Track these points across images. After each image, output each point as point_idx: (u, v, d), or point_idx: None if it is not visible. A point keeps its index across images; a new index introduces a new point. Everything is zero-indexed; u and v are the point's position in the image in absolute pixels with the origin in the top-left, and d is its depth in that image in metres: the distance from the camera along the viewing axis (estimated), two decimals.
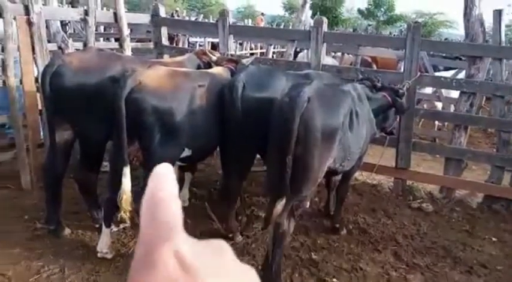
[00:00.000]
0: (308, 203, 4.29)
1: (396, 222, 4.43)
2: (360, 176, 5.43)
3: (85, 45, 4.71)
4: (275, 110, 2.87)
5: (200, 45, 9.37)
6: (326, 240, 3.95)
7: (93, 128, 3.15)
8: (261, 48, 11.50)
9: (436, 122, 7.64)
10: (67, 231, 3.66)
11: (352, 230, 4.18)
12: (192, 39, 9.92)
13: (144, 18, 5.77)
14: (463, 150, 4.78)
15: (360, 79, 4.01)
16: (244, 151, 3.44)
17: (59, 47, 4.53)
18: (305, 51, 8.07)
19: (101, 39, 7.41)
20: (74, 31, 8.00)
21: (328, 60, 8.72)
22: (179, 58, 4.19)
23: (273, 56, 9.18)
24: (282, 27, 12.24)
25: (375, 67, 7.82)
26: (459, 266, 3.69)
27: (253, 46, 11.84)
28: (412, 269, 3.60)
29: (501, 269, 3.65)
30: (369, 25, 28.12)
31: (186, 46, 9.32)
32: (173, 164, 3.10)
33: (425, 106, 6.75)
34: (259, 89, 3.35)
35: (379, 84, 3.92)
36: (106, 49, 3.67)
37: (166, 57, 5.47)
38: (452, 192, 4.99)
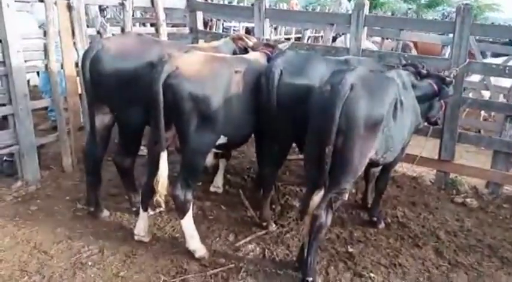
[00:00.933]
0: (347, 195, 4.18)
1: (438, 217, 4.22)
2: (399, 167, 5.21)
3: (123, 30, 4.73)
4: (315, 98, 2.75)
5: (234, 30, 9.24)
6: (363, 233, 3.82)
7: (131, 113, 3.16)
8: (295, 33, 11.22)
9: (482, 113, 7.20)
10: (106, 213, 3.74)
11: (390, 224, 4.02)
12: (226, 24, 9.80)
13: (179, 2, 5.72)
14: None
15: (403, 65, 3.78)
16: (280, 140, 3.35)
17: (98, 32, 4.57)
18: (343, 36, 7.80)
19: (137, 24, 7.44)
20: (112, 16, 8.09)
21: (367, 45, 8.42)
22: (215, 43, 4.12)
23: (308, 41, 8.95)
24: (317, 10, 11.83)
25: (415, 53, 7.42)
26: (506, 266, 3.47)
27: (287, 31, 11.57)
28: (454, 267, 3.43)
29: None
30: (409, 8, 26.84)
31: (220, 31, 9.23)
32: (209, 151, 3.07)
33: (470, 95, 6.36)
34: (297, 76, 3.22)
35: (424, 71, 3.69)
36: (144, 34, 3.65)
37: (201, 43, 5.42)
38: (499, 187, 4.69)
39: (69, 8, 4.07)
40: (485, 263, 3.50)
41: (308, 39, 9.83)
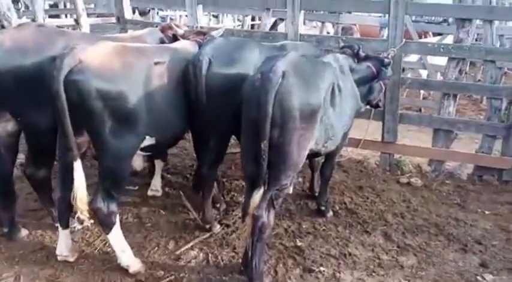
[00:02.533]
0: (291, 189, 4.01)
1: (385, 199, 4.19)
2: (344, 151, 5.15)
3: (33, 22, 4.18)
4: (246, 88, 2.50)
5: (172, 19, 8.74)
6: (312, 224, 3.68)
7: (36, 118, 2.72)
8: (239, 21, 10.90)
9: (422, 91, 7.37)
10: (24, 232, 3.28)
11: (339, 211, 3.92)
12: (162, 13, 9.26)
13: None
14: (453, 120, 4.51)
15: (341, 47, 3.63)
16: (214, 135, 3.07)
17: (2, 26, 3.98)
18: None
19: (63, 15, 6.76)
20: (28, 8, 7.30)
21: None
22: (138, 32, 3.73)
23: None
24: None
25: (358, 35, 7.41)
26: (453, 243, 3.48)
27: (232, 19, 11.21)
28: (403, 250, 3.38)
29: (496, 244, 3.46)
30: None
31: (156, 21, 8.70)
32: (132, 155, 2.71)
33: (409, 75, 6.44)
34: (228, 64, 2.94)
35: (362, 53, 3.56)
36: (48, 25, 3.18)
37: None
38: (441, 164, 4.77)
39: None
40: (433, 242, 3.49)
41: (250, 27, 9.55)
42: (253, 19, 9.88)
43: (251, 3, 5.28)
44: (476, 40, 6.34)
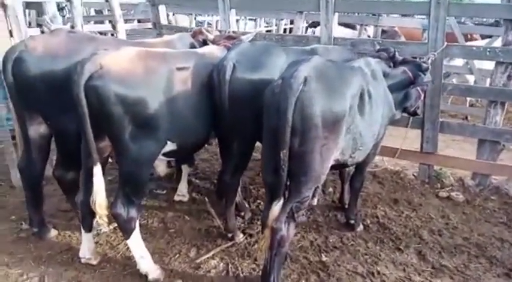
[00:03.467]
0: (316, 200, 3.85)
1: (421, 214, 3.93)
2: (380, 161, 4.91)
3: (72, 28, 4.32)
4: (266, 94, 2.39)
5: (209, 24, 8.83)
6: (339, 238, 3.51)
7: (66, 121, 2.76)
8: (276, 25, 10.82)
9: (468, 98, 6.90)
10: (53, 232, 3.36)
11: (369, 226, 3.71)
12: (200, 18, 9.38)
13: None
14: (500, 130, 4.13)
15: (377, 51, 3.43)
16: (237, 141, 2.99)
17: (42, 32, 4.15)
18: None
19: (92, 22, 7.01)
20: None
21: (347, 33, 8.06)
22: (167, 38, 3.74)
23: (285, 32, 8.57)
24: None
25: (403, 39, 7.07)
26: (496, 267, 3.18)
27: (269, 23, 11.15)
28: (439, 272, 3.12)
29: None
30: None
31: (193, 26, 8.81)
32: (153, 161, 2.69)
33: (454, 80, 6.03)
34: (252, 69, 2.86)
35: (398, 57, 3.35)
36: (79, 30, 3.25)
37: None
38: (486, 178, 4.39)
39: (3, 6, 3.65)
40: (473, 265, 3.20)
41: (286, 30, 9.45)
42: (292, 23, 9.80)
43: (284, 6, 5.17)
44: None
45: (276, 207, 2.40)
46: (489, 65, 5.57)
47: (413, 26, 6.48)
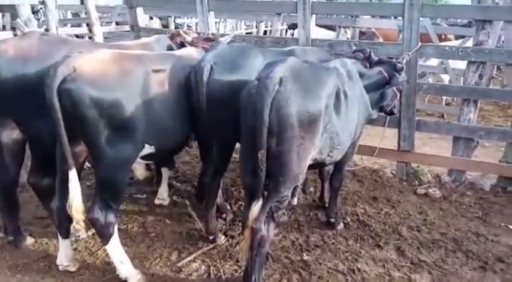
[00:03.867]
0: (295, 200, 3.87)
1: (400, 211, 4.00)
2: (359, 160, 4.98)
3: (46, 31, 4.23)
4: (243, 95, 2.40)
5: (189, 27, 8.79)
6: (320, 237, 3.54)
7: (39, 126, 2.70)
8: (256, 27, 10.85)
9: (444, 97, 7.06)
10: (29, 240, 3.29)
11: (350, 223, 3.75)
12: (179, 21, 9.32)
13: None
14: (474, 127, 4.25)
15: (353, 52, 3.49)
16: (216, 143, 2.99)
17: (15, 35, 4.06)
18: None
19: (68, 25, 6.90)
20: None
21: (328, 34, 8.14)
22: (144, 40, 3.70)
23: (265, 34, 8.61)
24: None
25: (381, 40, 7.19)
26: (472, 261, 3.25)
27: (249, 26, 11.18)
28: (417, 267, 3.18)
29: None
30: None
31: (172, 28, 8.76)
32: (130, 165, 2.66)
33: (430, 80, 6.18)
34: (230, 71, 2.86)
35: (374, 58, 3.41)
36: (51, 33, 3.19)
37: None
38: (462, 174, 4.51)
39: None
40: (450, 259, 3.27)
41: (266, 32, 9.49)
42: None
43: (262, 8, 5.20)
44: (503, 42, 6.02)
45: (256, 207, 2.40)
46: (462, 64, 5.74)
47: (390, 27, 6.60)
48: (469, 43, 6.01)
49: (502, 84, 7.86)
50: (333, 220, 3.63)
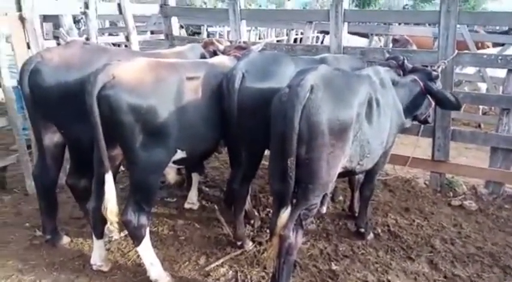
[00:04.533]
0: (325, 208, 3.84)
1: (433, 223, 3.88)
2: (391, 170, 4.88)
3: (87, 40, 4.44)
4: (274, 102, 2.42)
5: (221, 35, 8.95)
6: (350, 246, 3.49)
7: (79, 130, 2.83)
8: (287, 35, 10.90)
9: (481, 106, 6.82)
10: (65, 239, 3.42)
11: (380, 234, 3.68)
12: (211, 29, 9.50)
13: (152, 8, 5.43)
14: None
15: (386, 59, 3.45)
16: (246, 149, 3.01)
17: (58, 44, 4.28)
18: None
19: (106, 33, 7.18)
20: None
21: (363, 42, 8.06)
22: (179, 48, 3.81)
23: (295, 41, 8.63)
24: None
25: (415, 47, 7.05)
26: (510, 276, 3.12)
27: (278, 33, 11.22)
28: (451, 281, 3.07)
29: None
30: (406, 5, 26.46)
31: (205, 36, 8.94)
32: (163, 169, 2.73)
33: (466, 88, 5.98)
34: (261, 79, 2.89)
35: (408, 65, 3.35)
36: (93, 42, 3.35)
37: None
38: (500, 187, 4.33)
39: (22, 19, 3.78)
40: (486, 275, 3.15)
41: (296, 40, 9.52)
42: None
43: (294, 17, 5.24)
44: None
45: (284, 214, 2.41)
46: (501, 72, 5.54)
47: (424, 35, 6.46)
48: (509, 51, 5.80)
49: None
50: (362, 230, 3.58)
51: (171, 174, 3.13)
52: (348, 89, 2.41)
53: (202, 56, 3.84)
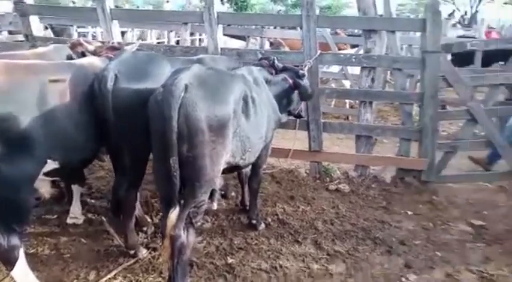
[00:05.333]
0: (215, 205, 3.94)
1: (315, 207, 4.25)
2: (277, 162, 5.21)
3: None
4: (150, 103, 2.40)
5: (93, 36, 8.40)
6: (244, 239, 3.62)
7: None
8: (167, 37, 10.75)
9: (347, 100, 7.71)
10: None
11: (271, 223, 3.90)
12: (82, 30, 8.85)
13: (4, 6, 4.84)
14: (371, 126, 4.73)
15: (259, 59, 3.68)
16: (128, 154, 2.91)
17: None
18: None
19: None
20: None
21: (240, 44, 8.40)
22: (41, 49, 3.51)
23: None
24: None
25: (287, 49, 7.63)
26: (379, 247, 3.56)
27: (159, 35, 11.00)
28: (333, 257, 3.41)
29: (418, 244, 3.60)
30: (280, 10, 28.44)
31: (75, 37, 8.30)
32: (32, 183, 2.48)
33: (333, 85, 6.73)
34: (135, 79, 2.79)
35: (279, 65, 3.63)
36: None
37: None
38: (366, 169, 4.95)
39: None
40: (361, 247, 3.55)
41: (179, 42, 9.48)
42: (192, 34, 9.82)
43: (168, 18, 5.23)
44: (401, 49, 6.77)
45: (173, 215, 2.41)
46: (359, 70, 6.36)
47: (294, 37, 7.04)
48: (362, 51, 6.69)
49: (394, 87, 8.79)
50: (254, 222, 3.75)
51: (44, 187, 2.83)
52: (223, 87, 2.52)
53: (69, 58, 3.59)
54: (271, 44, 7.95)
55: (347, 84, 7.09)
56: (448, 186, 4.74)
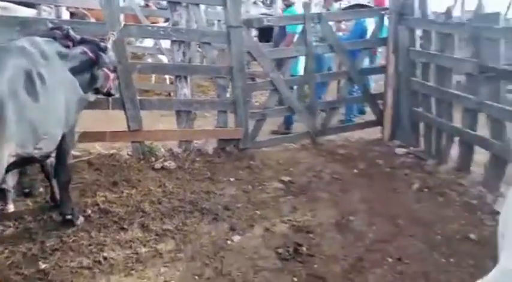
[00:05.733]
0: (11, 207, 3.36)
1: (141, 189, 4.06)
2: (93, 148, 4.74)
3: None
4: None
5: None
6: (59, 238, 3.19)
7: None
8: None
9: (167, 76, 7.53)
10: None
11: (91, 215, 3.54)
12: None
13: None
14: (189, 101, 4.74)
15: (50, 29, 3.15)
16: None
17: None
18: None
19: None
20: None
21: (31, 13, 7.01)
22: None
23: None
24: None
25: (93, 20, 6.80)
26: (206, 216, 3.63)
27: None
28: (162, 237, 3.32)
29: (240, 206, 3.81)
30: None
31: None
32: None
33: (149, 60, 6.43)
34: None
35: (76, 37, 3.18)
36: None
37: None
38: (190, 144, 4.97)
39: None
40: (189, 220, 3.55)
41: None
42: None
43: None
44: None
45: None
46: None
47: (94, 7, 6.28)
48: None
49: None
50: (70, 217, 3.32)
51: None
52: None
53: None
54: (72, 14, 7.01)
55: (164, 59, 6.87)
56: (262, 151, 5.19)
